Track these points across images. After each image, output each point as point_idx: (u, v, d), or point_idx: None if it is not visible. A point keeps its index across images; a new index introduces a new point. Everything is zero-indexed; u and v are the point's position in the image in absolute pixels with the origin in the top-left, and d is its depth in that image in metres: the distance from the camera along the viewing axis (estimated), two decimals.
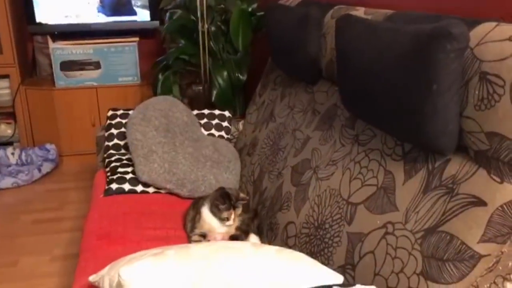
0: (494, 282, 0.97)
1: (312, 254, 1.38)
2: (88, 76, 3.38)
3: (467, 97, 1.01)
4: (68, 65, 3.33)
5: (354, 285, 1.01)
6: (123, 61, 3.39)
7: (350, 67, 1.34)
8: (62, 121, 3.38)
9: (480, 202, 0.96)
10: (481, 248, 0.95)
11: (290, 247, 1.49)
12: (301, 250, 1.44)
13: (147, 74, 3.42)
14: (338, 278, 1.08)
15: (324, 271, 1.09)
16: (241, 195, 1.62)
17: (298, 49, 1.80)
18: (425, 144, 1.09)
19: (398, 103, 1.13)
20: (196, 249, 1.04)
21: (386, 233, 1.15)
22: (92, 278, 1.24)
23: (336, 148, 1.48)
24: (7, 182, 3.08)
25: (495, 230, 0.95)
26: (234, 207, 1.56)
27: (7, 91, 3.42)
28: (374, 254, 1.15)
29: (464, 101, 1.01)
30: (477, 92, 0.98)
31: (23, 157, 3.32)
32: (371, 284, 1.13)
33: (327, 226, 1.36)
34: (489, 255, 0.95)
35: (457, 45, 0.97)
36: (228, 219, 1.55)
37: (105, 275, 1.16)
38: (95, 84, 3.38)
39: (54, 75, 3.32)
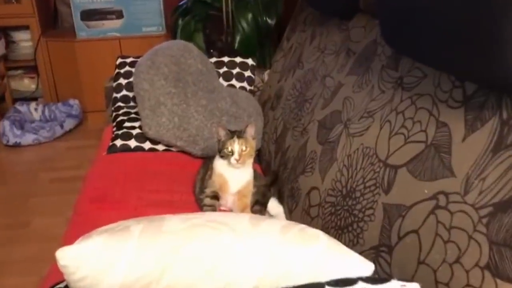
0: None
1: (338, 230, 1.09)
2: (110, 26, 3.14)
3: None
4: (89, 14, 3.11)
5: (388, 280, 0.72)
6: (147, 9, 3.13)
7: None
8: (85, 75, 3.18)
9: None
10: None
11: (312, 219, 1.21)
12: (325, 223, 1.15)
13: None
14: (367, 267, 0.79)
15: (347, 256, 0.80)
16: (249, 128, 1.37)
17: None
18: (498, 81, 0.75)
19: (460, 25, 0.79)
20: (172, 223, 0.78)
21: (437, 206, 0.83)
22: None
23: (373, 96, 1.16)
24: (28, 138, 2.94)
25: None
26: (238, 137, 1.34)
27: (29, 43, 3.25)
28: (418, 234, 0.85)
29: None
30: None
31: (47, 113, 3.18)
32: (414, 274, 0.83)
33: (357, 194, 1.05)
34: None
35: None
36: (232, 152, 1.32)
37: None
38: (117, 35, 3.15)
39: (75, 25, 3.12)
